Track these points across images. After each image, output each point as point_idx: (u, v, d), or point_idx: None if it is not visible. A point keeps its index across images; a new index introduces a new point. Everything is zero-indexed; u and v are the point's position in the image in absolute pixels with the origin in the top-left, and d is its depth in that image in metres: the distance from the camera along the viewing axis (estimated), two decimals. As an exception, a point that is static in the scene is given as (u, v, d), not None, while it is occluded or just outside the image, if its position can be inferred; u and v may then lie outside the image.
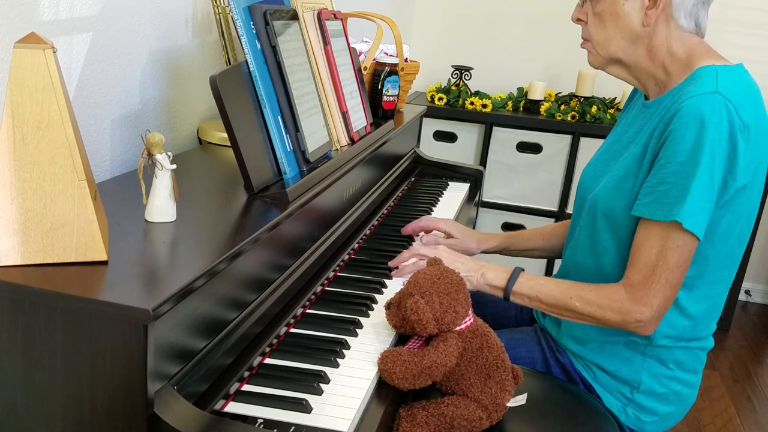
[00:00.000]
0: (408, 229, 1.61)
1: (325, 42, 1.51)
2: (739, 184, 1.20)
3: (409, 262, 1.40)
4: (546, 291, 1.30)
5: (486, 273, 1.35)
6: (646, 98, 1.37)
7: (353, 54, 1.69)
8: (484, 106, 3.22)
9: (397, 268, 1.41)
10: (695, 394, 1.40)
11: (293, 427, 0.90)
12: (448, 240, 1.62)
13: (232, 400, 0.95)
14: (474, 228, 2.03)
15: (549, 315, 1.46)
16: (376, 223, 1.69)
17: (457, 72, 3.36)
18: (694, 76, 1.24)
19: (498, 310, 1.66)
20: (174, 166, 1.03)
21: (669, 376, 1.34)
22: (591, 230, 1.35)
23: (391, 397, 1.05)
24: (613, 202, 1.30)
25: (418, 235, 1.62)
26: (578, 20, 1.37)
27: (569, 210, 3.20)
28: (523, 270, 1.36)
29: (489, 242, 1.66)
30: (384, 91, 1.85)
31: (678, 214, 1.16)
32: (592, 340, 1.36)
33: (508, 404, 1.16)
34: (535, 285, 1.32)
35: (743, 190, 1.22)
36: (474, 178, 2.19)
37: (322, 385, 0.99)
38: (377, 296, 1.30)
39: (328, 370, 1.03)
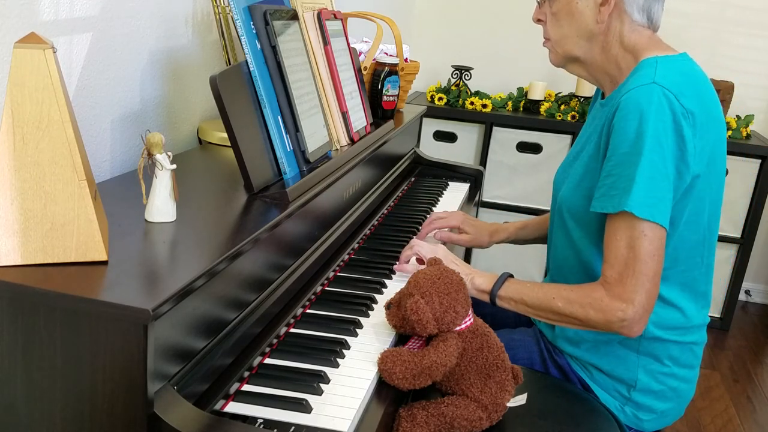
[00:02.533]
0: (422, 234, 1.64)
1: (325, 42, 1.51)
2: (694, 171, 1.21)
3: (410, 266, 1.41)
4: (530, 293, 1.30)
5: (475, 278, 1.36)
6: (603, 96, 1.39)
7: (353, 54, 1.69)
8: (484, 106, 3.22)
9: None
10: (692, 390, 1.40)
11: (293, 427, 0.90)
12: (461, 236, 1.64)
13: (232, 400, 0.95)
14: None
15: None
16: (376, 223, 1.69)
17: (457, 72, 3.36)
18: (636, 69, 1.27)
19: (497, 310, 1.66)
20: (174, 166, 1.03)
21: (665, 372, 1.34)
22: (564, 229, 1.38)
23: (391, 397, 1.05)
24: (576, 201, 1.32)
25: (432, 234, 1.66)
26: (538, 21, 1.40)
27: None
28: (511, 275, 1.36)
29: (500, 235, 1.70)
30: (384, 91, 1.85)
31: (626, 204, 1.17)
32: (586, 340, 1.36)
33: (508, 404, 1.16)
34: (521, 288, 1.32)
35: (700, 178, 1.23)
36: (474, 178, 2.20)
37: (322, 385, 1.00)
38: (377, 296, 1.30)
39: (328, 370, 1.03)
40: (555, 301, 1.27)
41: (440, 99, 3.26)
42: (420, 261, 1.42)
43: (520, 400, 1.20)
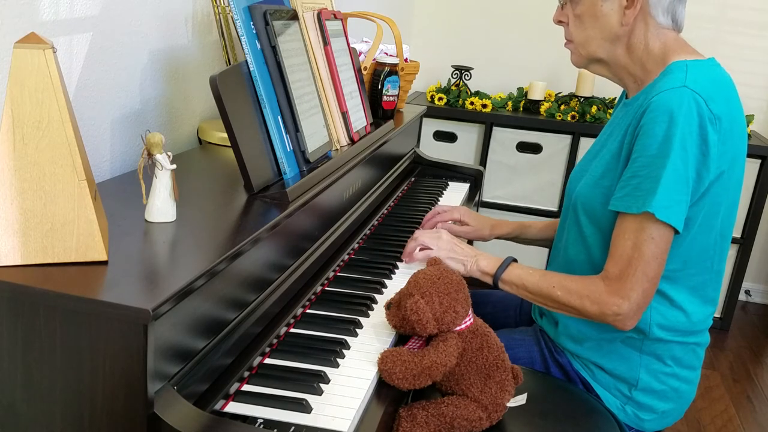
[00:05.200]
0: (425, 226, 1.66)
1: (325, 42, 1.51)
2: (713, 176, 1.22)
3: (416, 254, 1.44)
4: (531, 279, 1.33)
5: (479, 260, 1.39)
6: (627, 97, 1.40)
7: (353, 54, 1.69)
8: (484, 106, 3.22)
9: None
10: (694, 391, 1.40)
11: (293, 427, 0.90)
12: (462, 228, 1.65)
13: (232, 400, 0.95)
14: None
15: (546, 316, 1.47)
16: (376, 223, 1.69)
17: (457, 72, 3.36)
18: (666, 72, 1.27)
19: (497, 310, 1.67)
20: (174, 166, 1.03)
21: (667, 372, 1.35)
22: (577, 227, 1.38)
23: (391, 397, 1.05)
24: (593, 198, 1.32)
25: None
26: (559, 22, 1.39)
27: (569, 210, 3.20)
28: (515, 260, 1.38)
29: (502, 229, 1.71)
30: (384, 91, 1.85)
31: (650, 206, 1.18)
32: (589, 338, 1.36)
33: (508, 404, 1.16)
34: (523, 274, 1.35)
35: (720, 179, 1.23)
36: (474, 178, 2.20)
37: (322, 385, 1.00)
38: (377, 296, 1.30)
39: (328, 370, 1.03)
40: (555, 290, 1.29)
41: (440, 99, 3.26)
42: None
43: (520, 400, 1.20)
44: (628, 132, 1.27)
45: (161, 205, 1.03)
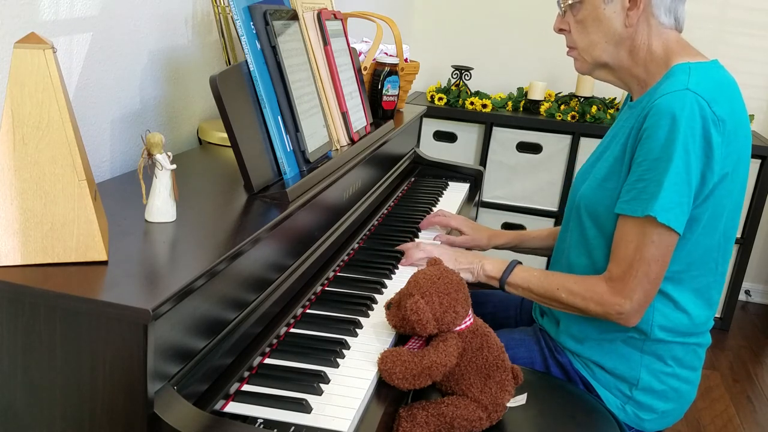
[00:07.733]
0: (424, 225, 1.68)
1: (325, 42, 1.51)
2: (717, 178, 1.22)
3: (416, 257, 1.45)
4: (536, 282, 1.36)
5: (485, 265, 1.41)
6: (631, 99, 1.40)
7: (353, 54, 1.69)
8: (484, 106, 3.21)
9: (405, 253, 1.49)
10: (694, 392, 1.40)
11: (293, 427, 0.90)
12: (459, 237, 1.65)
13: (232, 400, 0.95)
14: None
15: (547, 315, 1.47)
16: (376, 223, 1.69)
17: (457, 72, 3.36)
18: (669, 75, 1.28)
19: (498, 310, 1.67)
20: (174, 166, 1.03)
21: (667, 372, 1.35)
22: (580, 229, 1.38)
23: (391, 397, 1.05)
24: (596, 200, 1.33)
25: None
26: (560, 30, 1.39)
27: (569, 210, 3.20)
28: (520, 263, 1.40)
29: (499, 239, 1.71)
30: (384, 91, 1.85)
31: (652, 209, 1.19)
32: (590, 338, 1.36)
33: (508, 404, 1.16)
34: (528, 276, 1.37)
35: (724, 181, 1.24)
36: (474, 178, 2.19)
37: (322, 385, 1.00)
38: (377, 296, 1.30)
39: (328, 370, 1.03)
40: (559, 291, 1.31)
41: (440, 99, 3.26)
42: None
43: (520, 400, 1.20)
44: (631, 135, 1.27)
45: (161, 205, 1.03)
